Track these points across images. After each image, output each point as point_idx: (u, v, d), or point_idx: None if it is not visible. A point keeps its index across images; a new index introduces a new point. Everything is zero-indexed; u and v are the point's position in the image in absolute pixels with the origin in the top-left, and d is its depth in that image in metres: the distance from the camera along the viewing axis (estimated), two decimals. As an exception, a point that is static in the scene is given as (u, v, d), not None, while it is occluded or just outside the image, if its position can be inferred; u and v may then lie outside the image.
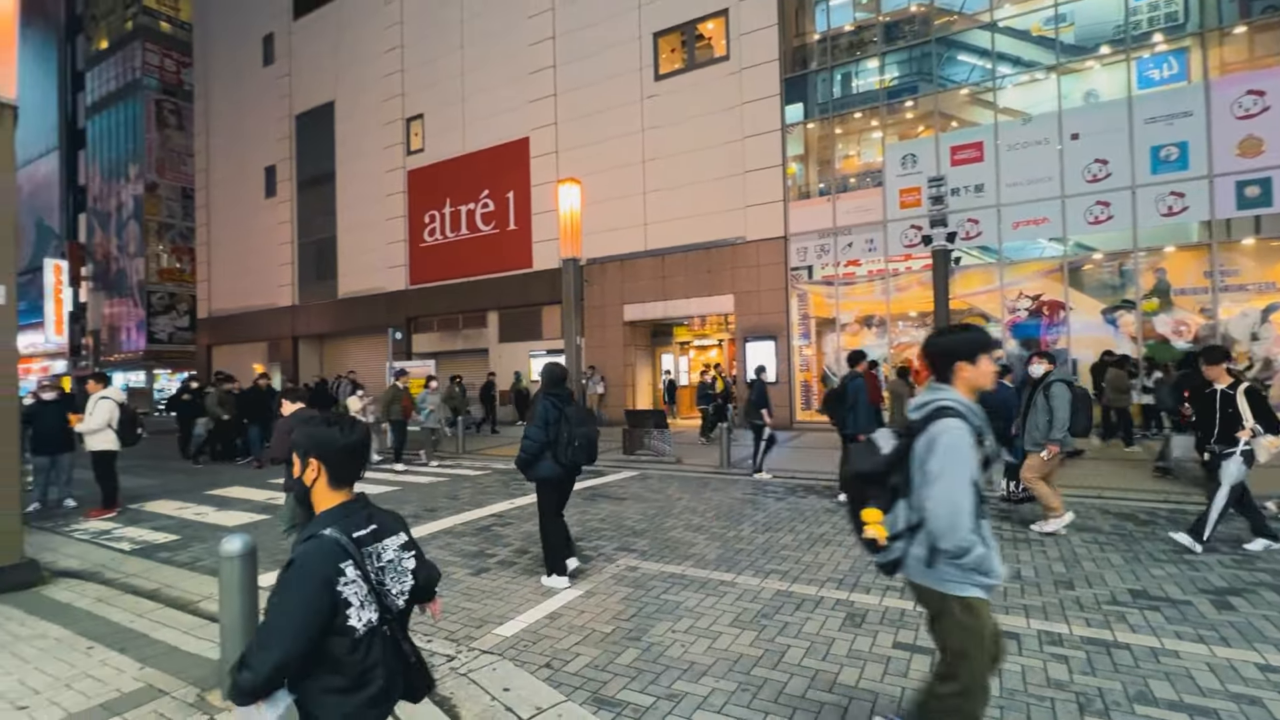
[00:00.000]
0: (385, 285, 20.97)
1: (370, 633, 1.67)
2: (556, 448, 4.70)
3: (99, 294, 33.44)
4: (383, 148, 21.04)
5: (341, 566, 1.64)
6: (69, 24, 36.48)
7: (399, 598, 1.77)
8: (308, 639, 1.58)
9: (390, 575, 1.76)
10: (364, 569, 1.69)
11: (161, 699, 3.22)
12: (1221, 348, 5.30)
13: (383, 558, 1.76)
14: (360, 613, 1.65)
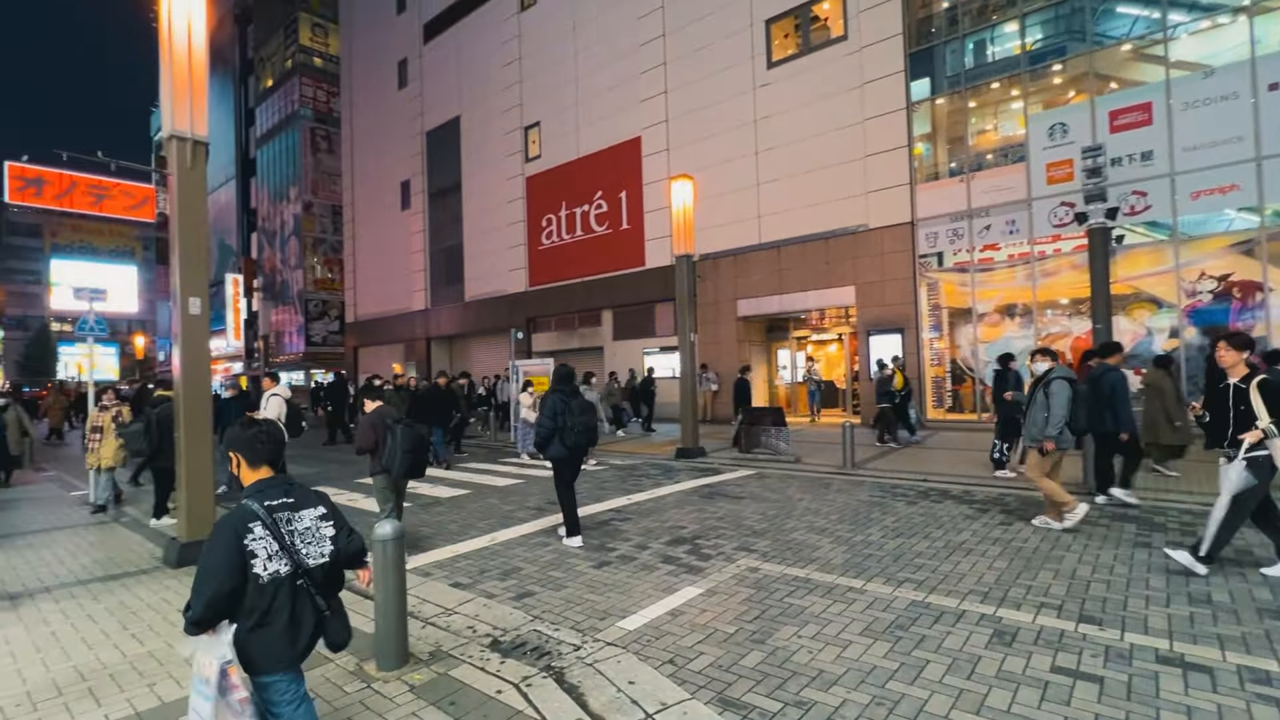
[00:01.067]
0: (506, 288, 22.10)
1: (275, 582, 2.06)
2: (564, 433, 5.76)
3: (268, 303, 38.03)
4: (504, 156, 22.17)
5: (250, 526, 2.07)
6: (242, 68, 41.75)
7: (314, 558, 2.17)
8: (228, 582, 1.99)
9: (304, 539, 2.16)
10: (275, 530, 2.11)
11: (327, 665, 3.56)
12: (1243, 334, 4.54)
13: (297, 524, 2.17)
14: (267, 564, 2.05)
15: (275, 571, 2.06)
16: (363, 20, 29.97)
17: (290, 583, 2.10)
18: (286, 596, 2.09)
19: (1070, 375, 5.88)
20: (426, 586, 4.80)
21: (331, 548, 2.24)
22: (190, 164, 5.56)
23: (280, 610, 2.07)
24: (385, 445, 5.43)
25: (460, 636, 3.91)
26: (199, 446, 5.62)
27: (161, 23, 5.59)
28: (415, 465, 5.52)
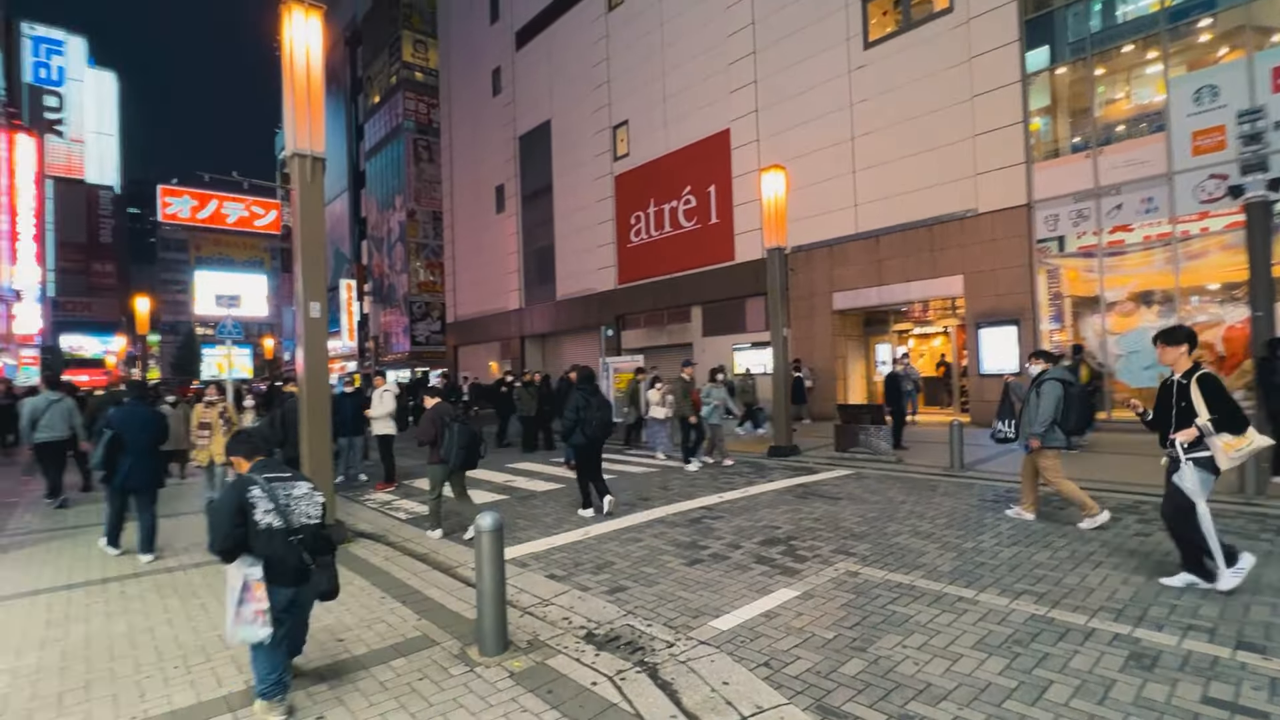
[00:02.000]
0: (596, 286, 22.49)
1: (269, 531, 2.95)
2: (584, 425, 7.00)
3: (377, 306, 40.83)
4: (592, 156, 22.56)
5: (249, 488, 3.00)
6: (353, 86, 44.96)
7: (305, 517, 3.08)
8: (228, 525, 2.91)
9: (298, 502, 3.09)
10: (271, 493, 3.01)
11: (434, 648, 3.75)
12: (1182, 328, 4.35)
13: (293, 491, 3.11)
14: (264, 516, 2.96)
15: (269, 524, 2.97)
16: (458, 33, 31.44)
17: (283, 536, 2.99)
18: (280, 544, 2.98)
19: (1065, 377, 5.90)
20: (524, 577, 4.95)
21: (319, 512, 3.17)
22: (310, 179, 6.03)
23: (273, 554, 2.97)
24: (443, 439, 6.18)
25: (556, 627, 4.00)
26: (320, 437, 6.09)
27: (284, 52, 6.09)
28: (469, 459, 6.35)
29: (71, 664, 3.65)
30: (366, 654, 3.69)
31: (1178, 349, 4.26)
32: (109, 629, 4.16)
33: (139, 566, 5.58)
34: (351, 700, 3.16)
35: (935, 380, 16.47)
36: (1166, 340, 4.33)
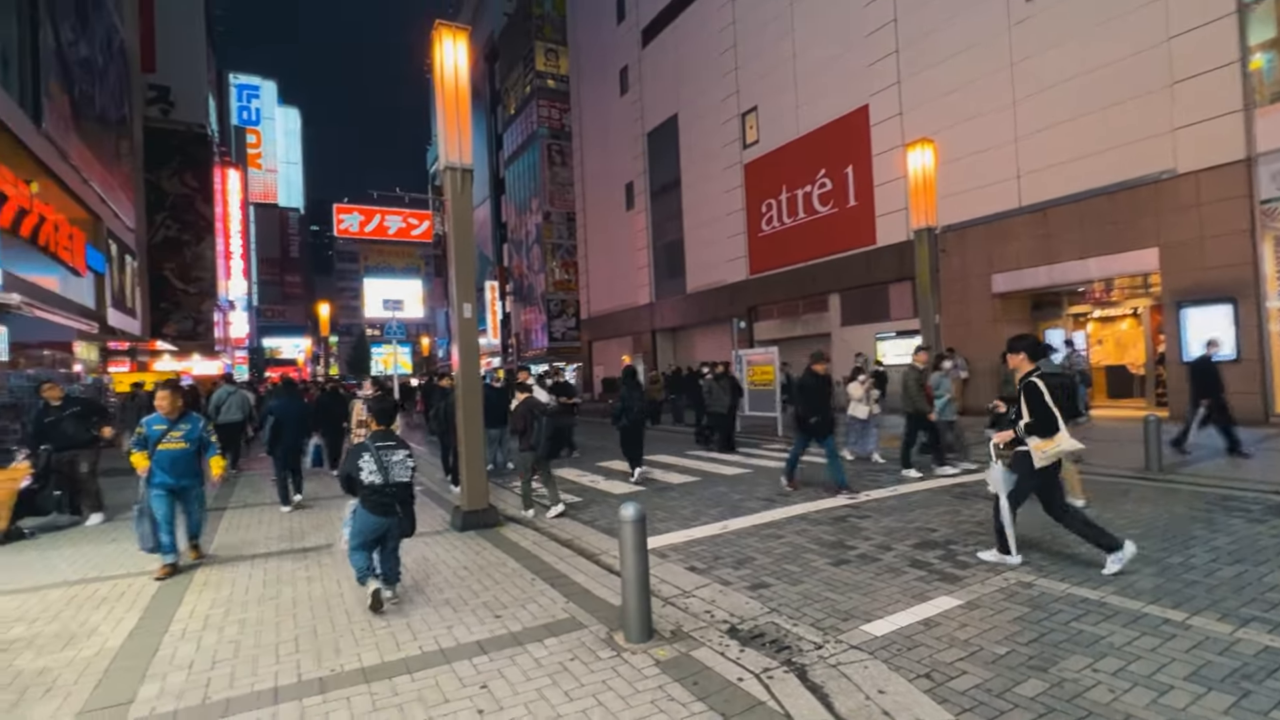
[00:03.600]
0: (726, 277, 22.25)
1: (372, 486, 4.26)
2: (628, 412, 8.98)
3: (517, 305, 43.42)
4: (721, 146, 22.30)
5: (363, 453, 4.30)
6: (492, 99, 48.00)
7: (399, 476, 4.35)
8: (345, 474, 4.33)
9: (394, 467, 4.33)
10: (377, 457, 4.29)
11: (582, 630, 3.88)
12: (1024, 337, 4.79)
13: (393, 457, 4.34)
14: (369, 475, 4.25)
15: (373, 480, 4.28)
16: (586, 36, 32.43)
17: (382, 490, 4.30)
18: (377, 495, 4.30)
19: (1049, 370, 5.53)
20: (664, 568, 4.99)
21: (411, 470, 4.44)
22: (460, 189, 6.48)
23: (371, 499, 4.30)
24: (532, 430, 6.98)
25: (699, 619, 3.98)
26: (473, 427, 6.55)
27: (435, 73, 6.59)
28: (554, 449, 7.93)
29: (284, 619, 4.21)
30: (521, 631, 3.90)
31: (1017, 356, 4.69)
32: (309, 592, 4.75)
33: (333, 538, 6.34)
34: (510, 673, 3.34)
35: (1118, 370, 14.45)
36: (1009, 348, 4.78)
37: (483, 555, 5.57)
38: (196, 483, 5.47)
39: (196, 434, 5.40)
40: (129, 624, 4.22)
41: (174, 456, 5.24)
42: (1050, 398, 4.40)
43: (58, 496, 7.22)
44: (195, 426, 5.42)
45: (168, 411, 5.29)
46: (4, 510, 6.41)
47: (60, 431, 7.09)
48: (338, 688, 3.27)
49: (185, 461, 5.32)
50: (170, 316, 25.60)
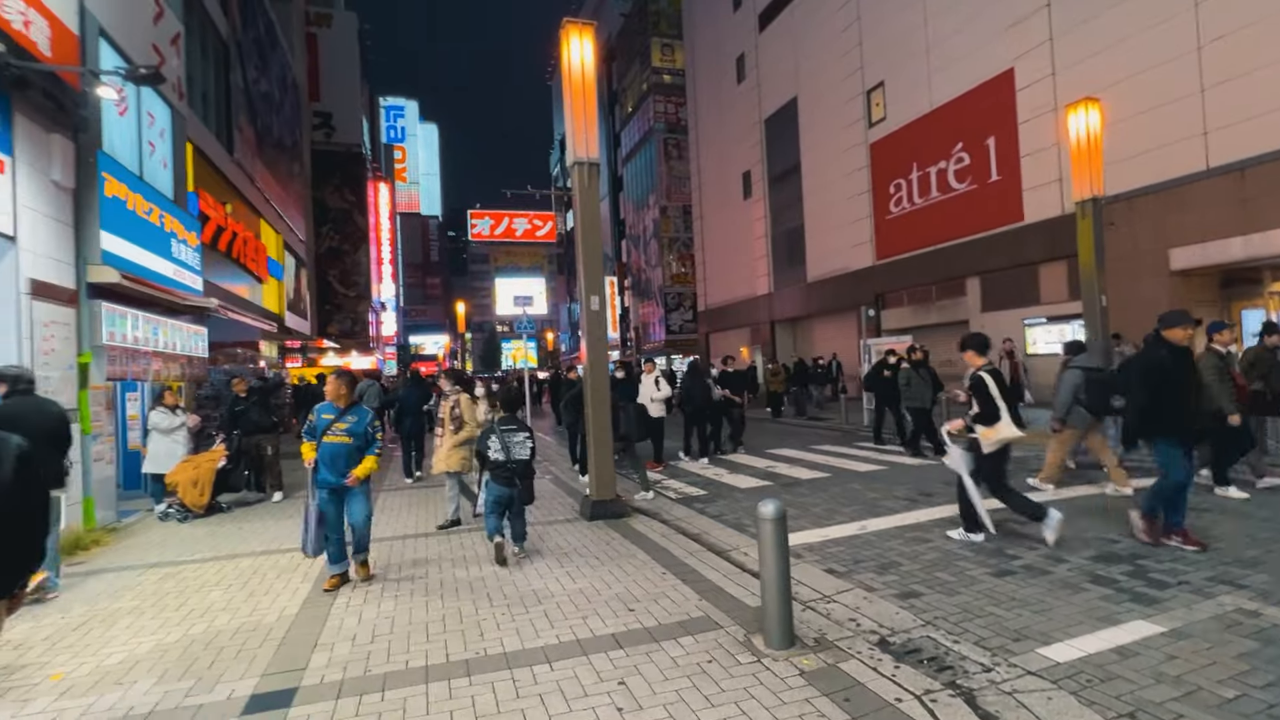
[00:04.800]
0: (850, 264, 21.11)
1: (496, 462, 5.10)
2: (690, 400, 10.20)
3: (636, 299, 44.03)
4: (843, 127, 21.15)
5: (489, 434, 5.20)
6: (610, 100, 48.90)
7: (519, 454, 5.15)
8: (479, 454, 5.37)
9: (515, 447, 5.15)
10: (501, 438, 5.14)
11: (717, 631, 3.75)
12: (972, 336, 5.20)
13: (513, 439, 5.16)
14: (495, 453, 5.10)
15: (498, 458, 5.10)
16: (702, 27, 32.05)
17: (505, 466, 5.09)
18: (501, 470, 5.10)
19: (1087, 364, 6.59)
20: (800, 569, 4.74)
21: (530, 449, 5.23)
22: (588, 183, 6.55)
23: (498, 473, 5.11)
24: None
25: (843, 628, 3.72)
26: (601, 419, 6.62)
27: (563, 71, 6.70)
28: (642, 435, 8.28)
29: (432, 598, 4.46)
30: (655, 627, 3.84)
31: (966, 354, 5.10)
32: (454, 574, 5.01)
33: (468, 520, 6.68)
34: (647, 670, 3.28)
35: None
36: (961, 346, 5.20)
37: (612, 546, 5.61)
38: (364, 483, 4.87)
39: (362, 428, 4.79)
40: (303, 593, 4.66)
41: (334, 451, 4.70)
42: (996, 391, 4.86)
43: (247, 475, 8.22)
44: (362, 420, 4.82)
45: (334, 398, 4.83)
46: (206, 487, 7.37)
47: (247, 418, 8.06)
48: (481, 671, 3.37)
49: (345, 458, 4.72)
50: (333, 318, 28.56)
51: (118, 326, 7.34)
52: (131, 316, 7.69)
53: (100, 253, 6.97)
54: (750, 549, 5.30)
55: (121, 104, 8.07)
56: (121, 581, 5.16)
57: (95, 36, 7.16)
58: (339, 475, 4.70)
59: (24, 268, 5.89)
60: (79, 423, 6.73)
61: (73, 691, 3.31)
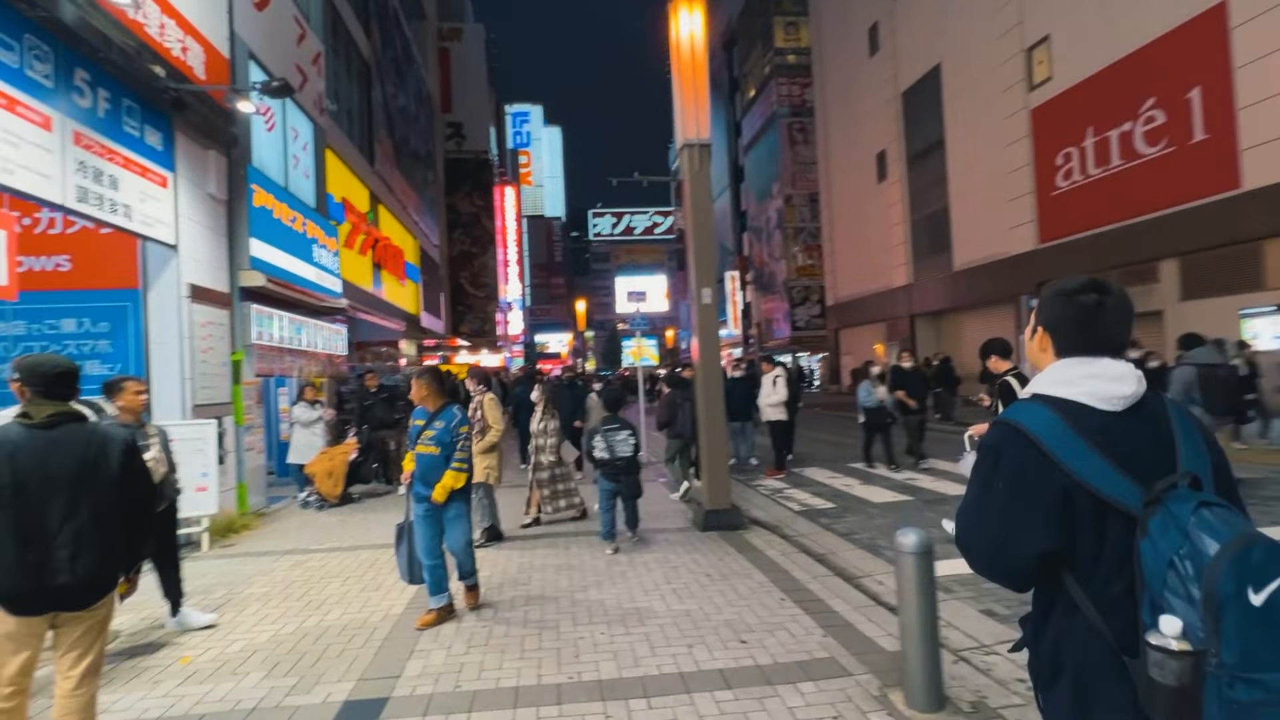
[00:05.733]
0: (1006, 249, 18.75)
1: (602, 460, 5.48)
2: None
3: (758, 294, 42.72)
4: (999, 92, 18.78)
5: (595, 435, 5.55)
6: (729, 88, 47.79)
7: (623, 452, 5.49)
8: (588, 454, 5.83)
9: (618, 445, 5.49)
10: (605, 437, 5.48)
11: (846, 679, 3.13)
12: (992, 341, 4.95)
13: (616, 437, 5.49)
14: (600, 453, 5.47)
15: (603, 458, 5.44)
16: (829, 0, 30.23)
17: (610, 461, 5.45)
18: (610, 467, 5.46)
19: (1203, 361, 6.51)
20: (950, 606, 3.96)
21: (631, 449, 5.50)
22: (698, 166, 6.05)
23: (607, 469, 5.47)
24: (676, 419, 7.47)
25: (1008, 690, 2.96)
26: (715, 421, 6.11)
27: (672, 50, 6.24)
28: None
29: (531, 609, 4.20)
30: (771, 666, 3.30)
31: (990, 359, 4.82)
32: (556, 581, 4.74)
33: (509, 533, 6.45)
34: (760, 724, 2.76)
35: None
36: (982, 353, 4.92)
37: (725, 562, 5.09)
38: (456, 501, 4.09)
39: (447, 435, 4.00)
40: (410, 593, 4.60)
41: (426, 463, 4.04)
42: None
43: (375, 468, 8.62)
44: (447, 424, 4.03)
45: (420, 400, 4.18)
46: (339, 478, 7.79)
47: (373, 413, 8.44)
48: (573, 700, 3.05)
49: (435, 471, 3.99)
50: (465, 318, 30.32)
51: (265, 326, 7.94)
52: (277, 317, 8.30)
53: (249, 258, 7.55)
54: (886, 576, 4.55)
55: (269, 121, 8.75)
56: (259, 567, 5.45)
57: (245, 59, 7.77)
58: (429, 489, 4.02)
59: (185, 273, 6.45)
60: (233, 416, 7.34)
61: (195, 678, 3.41)
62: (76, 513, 2.13)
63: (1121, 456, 1.17)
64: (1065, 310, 1.31)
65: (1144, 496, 1.12)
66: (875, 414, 9.13)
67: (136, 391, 3.86)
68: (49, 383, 2.21)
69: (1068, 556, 1.21)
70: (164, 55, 5.98)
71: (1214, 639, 0.99)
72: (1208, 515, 1.06)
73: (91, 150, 5.05)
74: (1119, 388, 1.22)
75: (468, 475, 4.12)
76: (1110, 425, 1.20)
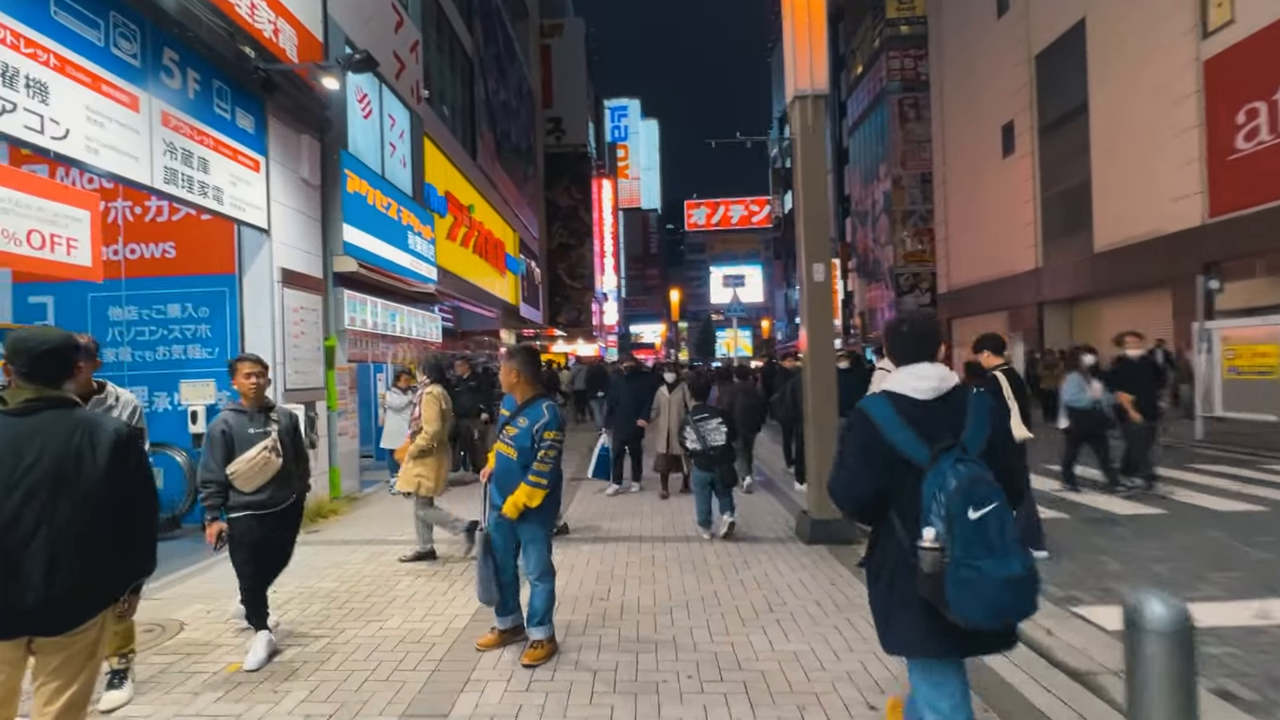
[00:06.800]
0: (1164, 226, 16.15)
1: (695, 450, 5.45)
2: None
3: (861, 282, 40.25)
4: (1163, 44, 16.14)
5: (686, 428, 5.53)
6: (834, 65, 45.18)
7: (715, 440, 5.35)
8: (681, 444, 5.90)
9: (709, 434, 5.36)
10: (695, 427, 5.42)
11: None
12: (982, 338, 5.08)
13: (707, 425, 5.39)
14: (692, 443, 5.42)
15: (695, 448, 5.40)
16: (951, -37, 27.61)
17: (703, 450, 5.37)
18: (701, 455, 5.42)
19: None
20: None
21: (724, 436, 5.38)
22: (811, 121, 5.21)
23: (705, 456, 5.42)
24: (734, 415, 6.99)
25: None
26: (825, 417, 5.28)
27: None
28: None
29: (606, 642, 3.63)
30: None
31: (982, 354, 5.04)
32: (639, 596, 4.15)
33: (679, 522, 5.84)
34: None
35: None
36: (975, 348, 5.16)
37: (839, 587, 4.29)
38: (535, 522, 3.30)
39: (527, 439, 3.25)
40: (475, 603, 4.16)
41: (502, 466, 3.34)
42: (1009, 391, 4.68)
43: (462, 456, 8.43)
44: (531, 423, 3.27)
45: (509, 389, 3.46)
46: (425, 466, 7.61)
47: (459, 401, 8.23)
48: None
49: (511, 478, 3.27)
50: (562, 309, 30.58)
51: (358, 312, 7.91)
52: (370, 303, 8.27)
53: (342, 244, 7.51)
54: (1058, 626, 3.59)
55: (365, 108, 8.74)
56: (336, 557, 5.26)
57: (340, 43, 7.72)
58: (504, 496, 3.32)
59: (277, 258, 6.42)
60: (326, 400, 7.33)
61: (235, 692, 3.06)
62: (52, 517, 1.74)
63: (924, 430, 1.88)
64: (892, 340, 2.12)
65: (929, 455, 1.83)
66: (1087, 419, 6.71)
67: (247, 374, 3.41)
68: (33, 361, 1.84)
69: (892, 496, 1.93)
70: (255, 36, 5.90)
71: (950, 540, 1.70)
72: (960, 467, 1.76)
73: (180, 132, 4.98)
74: (924, 384, 1.95)
75: (547, 494, 3.29)
76: (921, 410, 1.93)
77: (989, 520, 1.67)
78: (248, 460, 3.25)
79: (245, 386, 3.41)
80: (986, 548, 1.65)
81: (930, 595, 1.73)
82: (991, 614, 1.67)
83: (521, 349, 3.57)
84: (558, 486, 3.39)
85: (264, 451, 3.26)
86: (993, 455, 1.85)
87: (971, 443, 1.84)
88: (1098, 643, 3.40)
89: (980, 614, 1.67)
